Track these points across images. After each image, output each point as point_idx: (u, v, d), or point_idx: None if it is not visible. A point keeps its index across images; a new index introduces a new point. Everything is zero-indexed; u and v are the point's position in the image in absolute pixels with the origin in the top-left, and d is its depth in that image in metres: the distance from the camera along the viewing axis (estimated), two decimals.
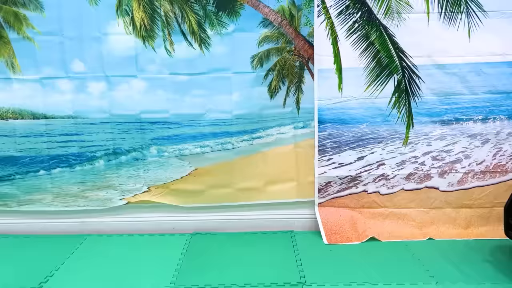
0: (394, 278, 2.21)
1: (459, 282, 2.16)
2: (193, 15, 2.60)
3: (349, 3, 2.59)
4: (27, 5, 2.57)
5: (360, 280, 2.19)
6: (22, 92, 2.68)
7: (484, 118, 2.75)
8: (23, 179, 2.78)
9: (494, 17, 2.60)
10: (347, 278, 2.21)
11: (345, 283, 2.16)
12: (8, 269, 2.37)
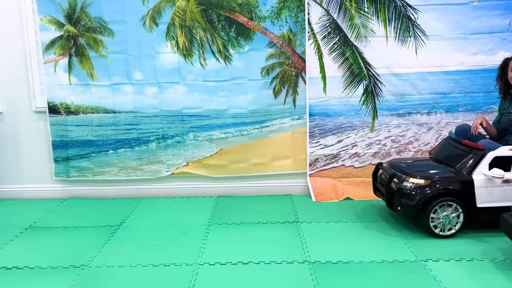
0: (359, 219, 3.23)
1: (406, 222, 3.17)
2: (219, 39, 3.64)
3: (330, 30, 3.62)
4: (102, 32, 3.61)
5: (335, 219, 3.22)
6: (98, 94, 3.69)
7: (429, 111, 3.74)
8: (96, 156, 3.78)
9: (433, 40, 3.60)
10: (327, 219, 3.24)
11: (325, 221, 3.19)
12: (93, 218, 3.35)
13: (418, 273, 2.38)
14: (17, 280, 2.40)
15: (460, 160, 2.93)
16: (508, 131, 3.11)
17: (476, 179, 2.81)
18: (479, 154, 2.84)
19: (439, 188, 2.83)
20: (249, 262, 2.53)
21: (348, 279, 2.32)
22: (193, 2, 3.54)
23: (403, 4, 3.55)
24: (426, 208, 2.83)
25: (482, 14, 3.54)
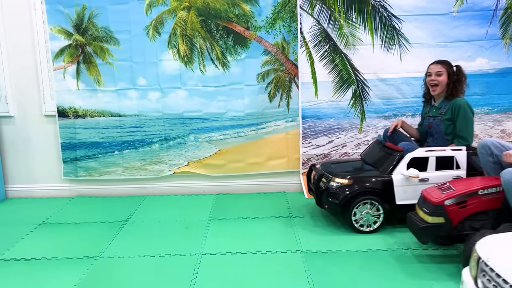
0: None
1: None
2: (218, 47, 3.90)
3: (321, 39, 3.89)
4: (109, 41, 3.86)
5: (326, 214, 3.49)
6: (104, 99, 3.94)
7: (413, 114, 4.01)
8: (103, 157, 4.03)
9: (416, 47, 3.88)
10: (318, 214, 3.51)
11: (316, 216, 3.46)
12: (101, 214, 3.60)
13: (401, 261, 2.65)
14: (37, 269, 2.65)
15: (382, 161, 3.16)
16: (429, 134, 3.38)
17: (395, 179, 3.03)
18: (398, 156, 3.07)
19: (361, 187, 3.05)
20: (247, 252, 2.80)
21: (336, 266, 2.58)
22: (193, 13, 3.80)
23: (388, 14, 3.82)
24: (349, 206, 3.04)
25: (461, 23, 3.82)
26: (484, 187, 2.50)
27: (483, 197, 2.49)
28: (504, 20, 3.81)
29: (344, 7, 3.82)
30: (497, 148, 2.64)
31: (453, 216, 2.49)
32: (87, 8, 3.76)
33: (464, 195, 2.50)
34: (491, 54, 3.86)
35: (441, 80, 3.25)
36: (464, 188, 2.54)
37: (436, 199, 2.51)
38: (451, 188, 2.57)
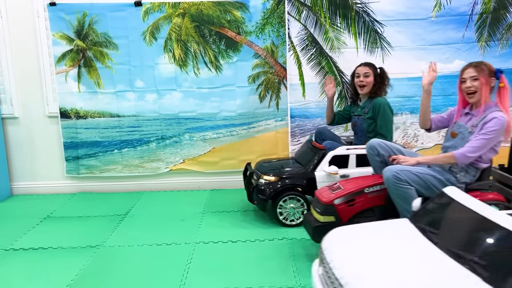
0: None
1: None
2: (211, 51, 4.13)
3: (308, 43, 4.13)
4: (108, 46, 4.08)
5: None
6: (104, 100, 4.15)
7: (395, 113, 4.22)
8: (103, 155, 4.25)
9: (398, 50, 4.12)
10: None
11: None
12: (102, 209, 3.82)
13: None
14: (44, 257, 2.88)
15: (307, 159, 3.37)
16: (354, 132, 3.64)
17: (317, 175, 3.23)
18: (321, 154, 3.29)
19: (286, 183, 3.24)
20: (237, 240, 3.04)
21: None
22: (187, 19, 4.04)
23: (370, 19, 4.07)
24: (274, 201, 3.25)
25: (439, 28, 4.06)
26: (369, 185, 2.64)
27: (369, 195, 2.64)
28: (480, 25, 4.05)
29: (329, 13, 4.06)
30: (382, 148, 2.83)
31: (343, 214, 2.61)
32: (88, 15, 3.99)
33: (352, 193, 2.63)
34: (468, 56, 4.10)
35: (369, 81, 3.49)
36: (351, 187, 2.67)
37: (326, 198, 2.63)
38: (340, 187, 2.71)
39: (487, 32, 4.05)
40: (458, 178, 2.62)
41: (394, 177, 2.51)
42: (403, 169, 2.55)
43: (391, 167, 2.58)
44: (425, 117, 2.96)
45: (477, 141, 2.51)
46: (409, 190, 2.52)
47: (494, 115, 2.50)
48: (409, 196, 2.50)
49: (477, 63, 2.65)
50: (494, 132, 2.48)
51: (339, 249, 1.85)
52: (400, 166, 2.60)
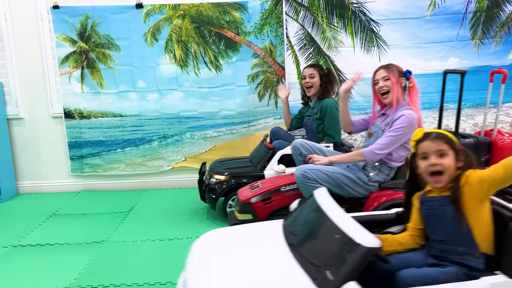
0: None
1: None
2: (211, 51, 4.22)
3: (306, 42, 4.22)
4: (110, 47, 4.18)
5: None
6: (107, 100, 4.25)
7: None
8: (106, 154, 4.34)
9: (393, 49, 4.20)
10: None
11: None
12: (106, 206, 3.92)
13: None
14: (51, 252, 2.99)
15: (258, 158, 3.46)
16: (306, 132, 3.72)
17: (266, 174, 3.30)
18: (270, 153, 3.37)
19: (235, 182, 3.29)
20: None
21: None
22: (187, 20, 4.13)
23: (367, 19, 4.15)
24: (224, 200, 3.32)
25: (434, 26, 4.14)
26: (286, 184, 2.71)
27: (285, 193, 2.70)
28: (474, 23, 4.13)
29: (326, 13, 4.14)
30: (305, 148, 2.91)
31: (260, 212, 2.68)
32: (90, 17, 4.08)
33: (269, 192, 2.70)
34: (462, 54, 4.19)
35: (314, 82, 3.57)
36: (269, 186, 2.75)
37: (243, 197, 2.71)
38: (259, 186, 2.77)
39: (481, 30, 4.14)
40: (370, 177, 2.66)
41: (302, 176, 2.57)
42: (312, 168, 2.60)
43: (302, 166, 2.64)
44: (345, 121, 3.03)
45: (384, 138, 2.56)
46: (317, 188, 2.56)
47: (402, 113, 2.57)
48: None
49: (387, 65, 2.78)
50: (401, 129, 2.53)
51: (198, 255, 1.79)
52: (310, 165, 2.66)
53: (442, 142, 1.71)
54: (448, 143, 1.72)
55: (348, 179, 2.64)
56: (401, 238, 1.85)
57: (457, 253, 1.66)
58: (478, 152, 2.74)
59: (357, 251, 1.45)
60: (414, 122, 2.56)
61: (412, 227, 1.85)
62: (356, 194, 2.69)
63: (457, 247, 1.67)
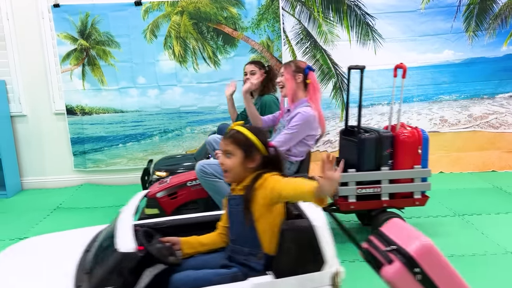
0: None
1: None
2: (209, 47, 4.30)
3: (302, 37, 4.29)
4: (110, 45, 4.25)
5: None
6: (108, 97, 4.33)
7: (388, 102, 4.42)
8: (108, 149, 4.43)
9: (389, 42, 4.27)
10: None
11: None
12: (108, 200, 4.01)
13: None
14: None
15: (201, 155, 3.44)
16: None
17: None
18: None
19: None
20: None
21: None
22: (186, 17, 4.21)
23: (362, 12, 4.22)
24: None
25: (428, 19, 4.21)
26: (192, 179, 2.71)
27: (192, 188, 2.71)
28: (467, 15, 4.20)
29: (322, 7, 4.21)
30: (218, 144, 2.86)
31: (166, 207, 2.69)
32: (90, 15, 4.16)
33: (174, 187, 2.71)
34: (456, 46, 4.25)
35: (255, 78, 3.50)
36: (176, 180, 2.76)
37: (150, 192, 2.71)
38: (167, 181, 2.79)
39: (474, 22, 4.20)
40: None
41: (200, 171, 2.58)
42: (210, 163, 2.61)
43: (201, 161, 2.65)
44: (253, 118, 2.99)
45: (281, 136, 2.60)
46: (217, 183, 2.56)
47: (299, 110, 2.62)
48: (219, 189, 2.56)
49: (288, 61, 2.84)
50: (295, 127, 2.57)
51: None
52: (208, 160, 2.69)
53: (229, 142, 1.68)
54: (236, 144, 1.67)
55: None
56: (205, 239, 1.80)
57: (243, 254, 1.65)
58: (380, 146, 2.76)
59: (113, 256, 1.42)
60: (310, 119, 2.60)
61: (221, 226, 1.80)
62: None
63: (243, 247, 1.65)
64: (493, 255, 2.62)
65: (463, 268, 2.42)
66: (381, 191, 2.78)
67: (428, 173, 2.84)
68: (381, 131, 2.83)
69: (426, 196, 2.88)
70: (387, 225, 1.74)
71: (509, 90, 4.33)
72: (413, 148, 2.77)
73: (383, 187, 2.78)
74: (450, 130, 4.38)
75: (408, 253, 1.53)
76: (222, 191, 2.53)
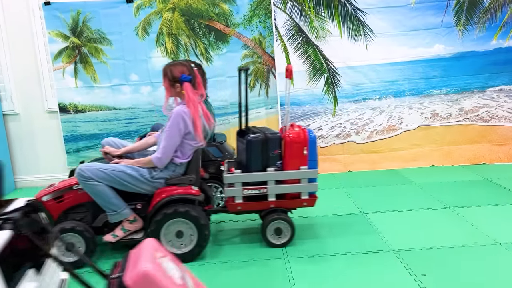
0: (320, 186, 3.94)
1: (357, 187, 3.89)
2: (201, 44, 4.31)
3: (294, 32, 4.30)
4: (102, 42, 4.25)
5: None
6: (100, 94, 4.33)
7: (380, 97, 4.44)
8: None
9: (380, 37, 4.30)
10: None
11: None
12: None
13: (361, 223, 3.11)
14: None
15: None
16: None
17: None
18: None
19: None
20: (230, 221, 3.25)
21: (305, 228, 3.04)
22: (177, 13, 4.21)
23: (353, 8, 4.24)
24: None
25: (419, 14, 4.24)
26: (77, 183, 2.64)
27: (78, 191, 2.65)
28: (457, 9, 4.23)
29: (313, 3, 4.23)
30: (112, 146, 2.86)
31: (52, 210, 2.66)
32: (81, 13, 4.15)
33: (60, 190, 2.67)
34: (447, 40, 4.29)
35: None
36: (62, 184, 2.72)
37: (37, 195, 2.67)
38: (54, 185, 2.76)
39: (464, 17, 4.23)
40: (153, 174, 2.60)
41: (79, 175, 2.54)
42: (89, 166, 2.57)
43: (81, 165, 2.61)
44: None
45: (163, 142, 2.56)
46: (97, 186, 2.53)
47: (170, 113, 2.57)
48: (99, 192, 2.54)
49: (165, 67, 2.66)
50: (170, 129, 2.53)
51: None
52: (89, 164, 2.64)
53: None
54: None
55: (129, 176, 2.56)
56: None
57: None
58: (266, 147, 2.74)
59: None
60: (178, 120, 2.52)
61: None
62: (142, 191, 2.64)
63: None
64: (482, 246, 2.67)
65: (452, 259, 2.49)
66: (268, 192, 2.75)
67: (315, 174, 2.79)
68: (268, 132, 2.79)
69: (315, 196, 2.84)
70: (138, 246, 1.63)
71: (499, 83, 4.37)
72: (299, 149, 2.73)
73: (269, 188, 2.74)
74: (441, 123, 4.42)
75: (123, 283, 1.43)
76: (102, 194, 2.53)
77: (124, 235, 2.64)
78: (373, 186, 3.92)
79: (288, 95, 3.02)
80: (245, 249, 2.79)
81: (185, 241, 2.62)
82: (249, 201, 2.81)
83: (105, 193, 2.54)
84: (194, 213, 2.56)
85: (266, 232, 2.76)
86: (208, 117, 2.70)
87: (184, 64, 2.65)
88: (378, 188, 3.87)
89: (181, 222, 2.58)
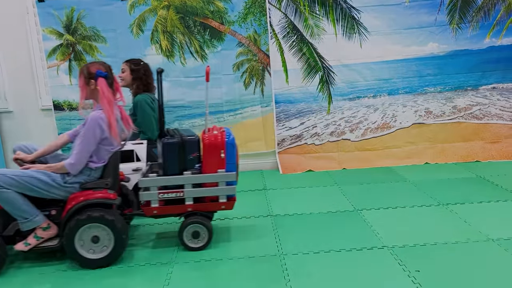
0: (316, 184, 3.96)
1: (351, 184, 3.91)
2: (196, 41, 4.31)
3: (289, 30, 4.31)
4: (96, 39, 4.24)
5: (296, 186, 3.95)
6: None
7: (374, 95, 4.46)
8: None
9: (374, 35, 4.32)
10: (290, 186, 3.96)
11: (288, 187, 3.92)
12: None
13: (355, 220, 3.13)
14: None
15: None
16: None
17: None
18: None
19: None
20: (225, 218, 3.26)
21: (299, 225, 3.05)
22: (172, 11, 4.20)
23: (348, 6, 4.25)
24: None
25: (413, 12, 4.26)
26: None
27: None
28: (451, 8, 4.26)
29: (308, 1, 4.24)
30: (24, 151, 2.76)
31: None
32: (76, 10, 4.14)
33: None
34: (441, 39, 4.32)
35: (123, 76, 3.50)
36: None
37: None
38: None
39: (458, 15, 4.26)
40: (66, 179, 2.54)
41: None
42: None
43: None
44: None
45: (77, 147, 2.51)
46: (5, 193, 2.43)
47: (87, 117, 2.52)
48: (9, 199, 2.44)
49: (83, 66, 2.66)
50: (85, 134, 2.48)
51: None
52: None
53: None
54: None
55: (40, 181, 2.47)
56: None
57: None
58: (183, 150, 2.69)
59: None
60: (94, 126, 2.47)
61: None
62: (56, 196, 2.55)
63: None
64: (475, 242, 2.69)
65: (446, 255, 2.51)
66: (184, 196, 2.70)
67: (232, 177, 2.75)
68: (185, 135, 2.75)
69: (233, 199, 2.81)
70: None
71: (492, 81, 4.41)
72: (216, 152, 2.70)
73: (185, 191, 2.69)
74: (435, 121, 4.45)
75: None
76: (12, 201, 2.44)
77: (37, 242, 2.53)
78: (367, 183, 3.94)
79: (207, 99, 2.97)
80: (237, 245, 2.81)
81: (105, 245, 2.55)
82: (166, 205, 2.73)
83: (15, 200, 2.44)
84: (109, 217, 2.49)
85: (183, 235, 2.72)
86: (128, 122, 2.68)
87: (102, 64, 2.64)
88: (372, 185, 3.89)
89: (96, 227, 2.51)
